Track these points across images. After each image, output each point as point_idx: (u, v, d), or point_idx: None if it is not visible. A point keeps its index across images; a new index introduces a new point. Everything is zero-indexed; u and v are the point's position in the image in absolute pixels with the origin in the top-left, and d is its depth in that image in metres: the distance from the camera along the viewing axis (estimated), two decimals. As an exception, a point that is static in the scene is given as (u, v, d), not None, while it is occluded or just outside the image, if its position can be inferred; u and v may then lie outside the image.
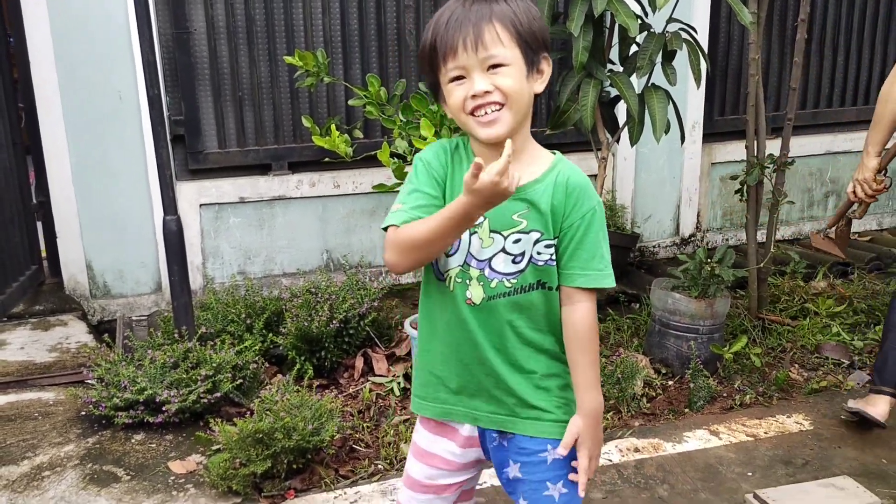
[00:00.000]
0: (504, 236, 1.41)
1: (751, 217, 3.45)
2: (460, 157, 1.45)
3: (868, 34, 4.84)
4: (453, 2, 1.38)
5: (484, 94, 1.34)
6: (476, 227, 1.41)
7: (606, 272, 1.44)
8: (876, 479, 2.48)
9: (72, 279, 3.65)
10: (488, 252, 1.42)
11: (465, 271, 1.43)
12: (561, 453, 1.44)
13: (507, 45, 1.33)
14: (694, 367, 3.00)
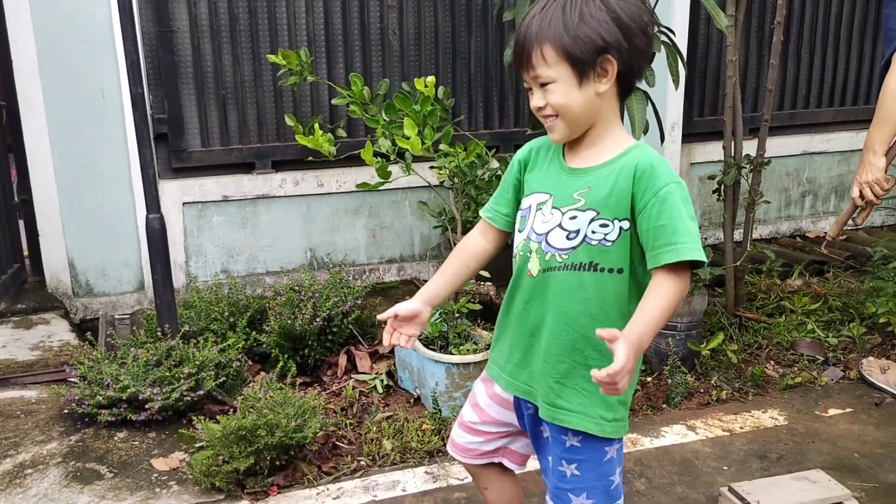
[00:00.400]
0: (563, 212, 1.53)
1: (728, 216, 3.50)
2: (547, 150, 1.62)
3: (844, 36, 4.92)
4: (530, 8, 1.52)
5: (539, 109, 1.51)
6: (541, 205, 1.56)
7: (695, 246, 1.41)
8: (848, 472, 2.54)
9: (54, 277, 3.65)
10: (547, 227, 1.54)
11: (527, 244, 1.58)
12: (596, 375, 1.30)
13: (552, 64, 1.46)
14: (672, 363, 3.05)
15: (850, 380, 3.18)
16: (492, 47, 4.14)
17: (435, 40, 4.05)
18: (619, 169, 1.49)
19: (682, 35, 4.33)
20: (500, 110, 4.25)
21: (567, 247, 1.51)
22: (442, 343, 2.94)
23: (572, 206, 1.52)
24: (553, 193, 1.55)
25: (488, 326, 3.05)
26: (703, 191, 4.66)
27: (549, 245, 1.53)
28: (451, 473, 2.53)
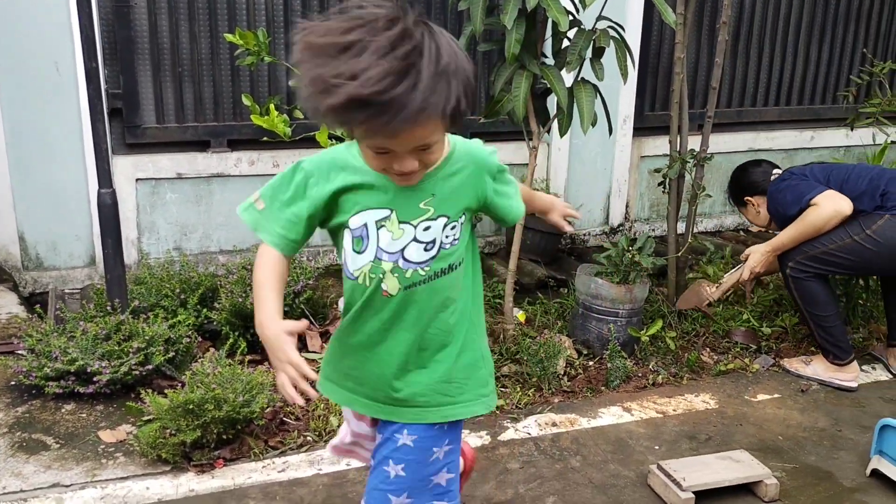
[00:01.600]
0: (414, 226, 1.48)
1: (672, 209, 3.63)
2: (346, 167, 1.48)
3: (792, 38, 5.09)
4: (377, 56, 1.22)
5: (410, 172, 1.39)
6: (383, 222, 1.47)
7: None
8: (771, 453, 2.69)
9: (3, 250, 3.62)
10: (400, 243, 1.48)
11: (377, 266, 1.50)
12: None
13: (438, 131, 1.35)
14: (612, 348, 3.17)
15: (780, 367, 3.34)
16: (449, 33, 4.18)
17: (394, 26, 4.09)
18: (455, 167, 1.50)
19: (635, 31, 4.45)
20: (457, 98, 4.30)
21: (427, 258, 1.49)
22: (390, 324, 3.00)
23: (423, 217, 1.48)
24: (394, 207, 1.47)
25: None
26: (651, 183, 4.79)
27: (406, 262, 1.49)
28: (395, 449, 2.61)
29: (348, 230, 1.51)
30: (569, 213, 2.00)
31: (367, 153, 1.41)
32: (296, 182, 1.49)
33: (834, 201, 3.00)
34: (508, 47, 2.87)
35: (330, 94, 1.23)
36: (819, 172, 3.18)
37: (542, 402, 2.96)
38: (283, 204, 1.51)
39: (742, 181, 3.47)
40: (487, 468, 2.53)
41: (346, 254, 1.53)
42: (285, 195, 1.50)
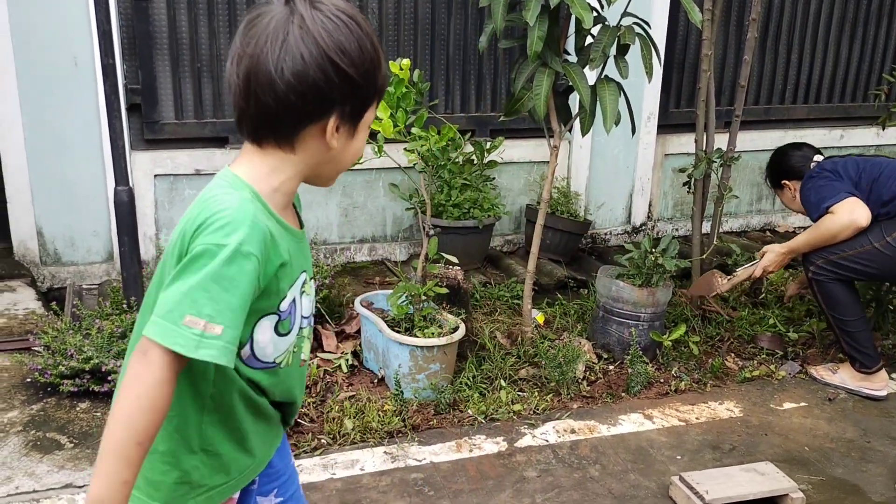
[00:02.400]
0: (314, 277, 1.36)
1: (697, 209, 3.55)
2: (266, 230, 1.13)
3: (822, 34, 4.96)
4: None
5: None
6: (304, 287, 1.25)
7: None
8: (797, 465, 2.61)
9: (21, 245, 3.62)
10: (311, 303, 1.30)
11: (299, 339, 1.29)
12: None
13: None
14: (633, 352, 3.10)
15: (807, 375, 3.25)
16: (471, 31, 4.13)
17: (414, 22, 4.04)
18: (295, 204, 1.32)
19: (661, 26, 4.35)
20: (478, 94, 4.25)
21: (313, 307, 1.33)
22: (407, 325, 2.96)
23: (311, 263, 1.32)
24: (305, 268, 1.26)
25: (454, 310, 3.08)
26: (676, 182, 4.70)
27: (305, 318, 1.29)
28: (410, 454, 2.57)
29: (272, 315, 1.20)
30: None
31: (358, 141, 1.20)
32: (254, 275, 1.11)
33: (851, 212, 2.96)
34: (530, 44, 2.80)
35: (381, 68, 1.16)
36: (852, 169, 3.10)
37: (560, 408, 2.90)
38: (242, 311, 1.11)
39: (781, 164, 3.38)
40: (504, 476, 2.48)
41: (263, 344, 1.20)
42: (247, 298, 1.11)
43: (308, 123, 1.13)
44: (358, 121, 1.17)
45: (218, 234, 1.07)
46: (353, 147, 1.20)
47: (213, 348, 1.06)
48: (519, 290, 3.73)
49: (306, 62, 1.08)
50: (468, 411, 2.83)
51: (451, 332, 2.91)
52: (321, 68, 1.09)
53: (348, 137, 1.18)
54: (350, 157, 1.21)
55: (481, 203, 3.91)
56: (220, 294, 1.06)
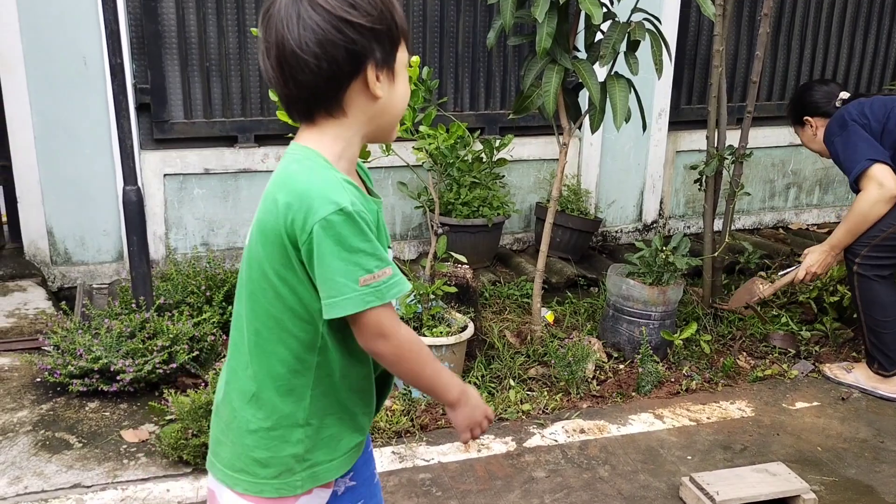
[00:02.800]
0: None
1: (708, 207, 3.51)
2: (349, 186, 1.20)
3: (835, 29, 4.91)
4: None
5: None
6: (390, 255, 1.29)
7: None
8: (809, 465, 2.58)
9: (32, 245, 3.64)
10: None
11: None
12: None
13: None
14: (644, 351, 3.07)
15: (820, 374, 3.21)
16: (480, 27, 4.11)
17: (423, 19, 4.02)
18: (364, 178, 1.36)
19: (672, 21, 4.32)
20: (487, 91, 4.23)
21: None
22: (416, 324, 2.95)
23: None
24: (388, 242, 1.32)
25: (463, 309, 3.06)
26: (687, 179, 4.66)
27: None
28: (418, 454, 2.56)
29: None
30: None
31: (404, 80, 1.24)
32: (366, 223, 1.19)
33: (880, 184, 2.87)
34: (539, 41, 2.78)
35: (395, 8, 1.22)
36: (879, 110, 2.99)
37: (569, 408, 2.88)
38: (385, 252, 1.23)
39: (804, 99, 3.23)
40: (512, 476, 2.46)
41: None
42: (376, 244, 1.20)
43: (349, 83, 1.18)
44: (393, 63, 1.22)
45: (326, 206, 1.13)
46: (398, 91, 1.24)
47: (396, 286, 1.19)
48: (529, 289, 3.71)
49: (323, 29, 1.14)
50: (477, 411, 2.81)
51: (459, 332, 2.90)
52: (338, 29, 1.15)
53: (390, 83, 1.22)
54: (399, 101, 1.25)
55: (491, 201, 3.89)
56: (370, 246, 1.16)
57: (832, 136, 3.05)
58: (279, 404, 1.26)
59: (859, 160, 2.92)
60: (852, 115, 3.01)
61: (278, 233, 1.18)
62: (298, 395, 1.26)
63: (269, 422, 1.26)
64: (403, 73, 1.25)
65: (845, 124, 3.01)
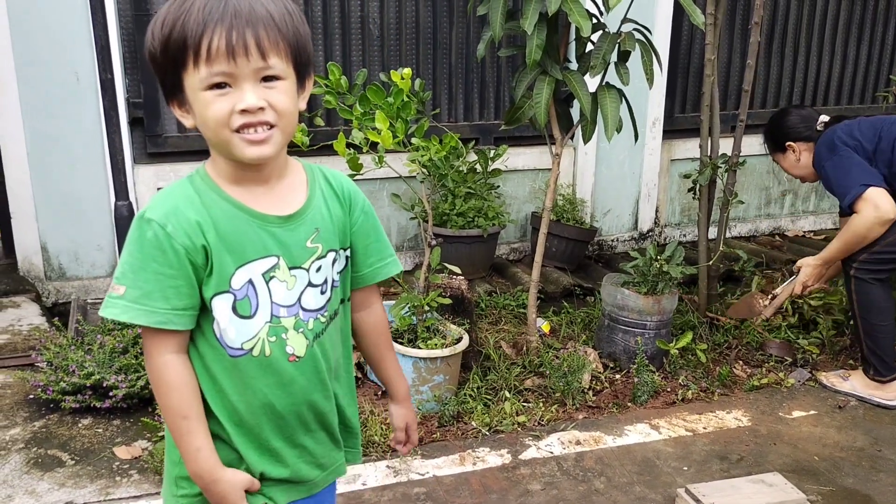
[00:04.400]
0: (306, 269, 1.27)
1: (703, 216, 3.51)
2: (208, 213, 1.19)
3: (828, 36, 4.92)
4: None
5: (256, 111, 1.14)
6: (272, 272, 1.23)
7: (395, 257, 1.44)
8: (807, 475, 2.57)
9: (26, 260, 3.63)
10: (295, 293, 1.26)
11: (275, 328, 1.25)
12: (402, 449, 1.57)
13: (283, 56, 1.16)
14: (639, 362, 3.06)
15: (817, 382, 3.20)
16: (472, 39, 4.12)
17: (416, 30, 4.03)
18: (322, 196, 1.31)
19: (664, 30, 4.32)
20: (481, 102, 4.23)
21: (323, 302, 1.30)
22: (410, 337, 2.94)
23: (313, 257, 1.27)
24: (279, 253, 1.24)
25: (458, 320, 3.05)
26: (682, 187, 4.66)
27: (306, 312, 1.27)
28: (412, 468, 2.54)
29: (226, 294, 1.21)
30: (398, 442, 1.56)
31: (202, 104, 1.14)
32: (156, 240, 1.17)
33: (876, 207, 2.85)
34: (529, 53, 2.78)
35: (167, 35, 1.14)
36: (868, 131, 2.96)
37: (565, 419, 2.87)
38: (157, 274, 1.17)
39: (784, 125, 3.20)
40: (507, 489, 2.45)
41: (224, 325, 1.22)
42: (151, 262, 1.17)
43: (169, 103, 1.22)
44: (178, 93, 1.18)
45: (142, 211, 1.20)
46: (199, 118, 1.17)
47: (115, 307, 1.17)
48: (524, 299, 3.70)
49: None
50: (472, 423, 2.80)
51: (454, 343, 2.89)
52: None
53: (191, 111, 1.19)
54: (206, 126, 1.17)
55: (486, 211, 3.89)
56: (126, 258, 1.19)
57: (822, 160, 3.03)
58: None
59: (853, 186, 2.90)
60: (842, 137, 2.99)
61: None
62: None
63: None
64: (198, 98, 1.14)
65: (835, 147, 2.98)
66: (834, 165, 2.98)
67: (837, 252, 3.01)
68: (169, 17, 1.13)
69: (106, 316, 1.18)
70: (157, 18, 1.15)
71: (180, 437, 1.22)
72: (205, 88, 1.13)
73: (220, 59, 1.11)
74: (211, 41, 1.11)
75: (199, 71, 1.12)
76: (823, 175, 3.06)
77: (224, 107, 1.13)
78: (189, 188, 1.21)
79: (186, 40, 1.11)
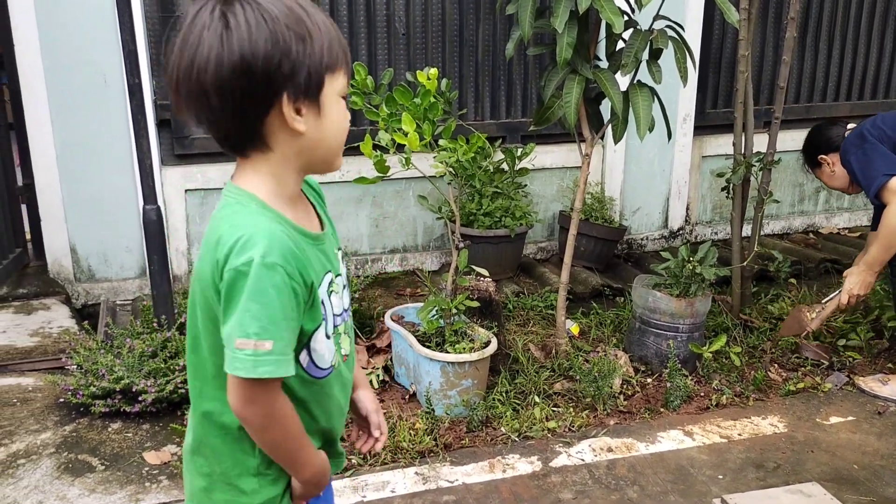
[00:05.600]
0: (343, 274, 1.30)
1: (736, 215, 3.43)
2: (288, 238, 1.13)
3: (864, 30, 4.79)
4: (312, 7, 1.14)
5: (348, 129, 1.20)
6: (331, 287, 1.23)
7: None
8: (846, 484, 2.50)
9: (56, 263, 3.65)
10: (344, 299, 1.29)
11: (337, 335, 1.27)
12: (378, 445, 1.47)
13: None
14: (672, 365, 3.00)
15: (854, 386, 3.12)
16: (499, 36, 4.07)
17: (442, 28, 3.99)
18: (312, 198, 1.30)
19: (695, 25, 4.24)
20: (508, 100, 4.18)
21: (348, 301, 1.32)
22: (438, 340, 2.91)
23: (343, 260, 1.32)
24: (331, 268, 1.24)
25: (486, 323, 3.02)
26: (714, 184, 4.58)
27: (346, 312, 1.30)
28: (442, 475, 2.51)
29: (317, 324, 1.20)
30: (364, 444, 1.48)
31: (339, 110, 1.15)
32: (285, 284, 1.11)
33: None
34: (559, 51, 2.73)
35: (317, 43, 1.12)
36: (891, 122, 2.96)
37: (596, 425, 2.82)
38: (290, 321, 1.13)
39: (817, 139, 3.21)
40: (538, 498, 2.41)
41: (321, 351, 1.22)
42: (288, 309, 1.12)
43: (261, 118, 1.10)
44: (317, 96, 1.12)
45: (241, 255, 1.08)
46: (329, 123, 1.14)
47: (268, 364, 1.09)
48: (553, 300, 3.65)
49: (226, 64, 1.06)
50: (501, 429, 2.76)
51: (482, 347, 2.85)
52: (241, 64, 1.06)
53: (316, 116, 1.13)
54: (333, 135, 1.16)
55: (513, 211, 3.84)
56: (261, 310, 1.08)
57: (849, 154, 3.00)
58: (223, 454, 1.23)
59: (876, 176, 2.87)
60: (867, 128, 2.98)
61: (205, 280, 1.13)
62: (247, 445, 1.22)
63: (209, 469, 1.24)
64: (336, 102, 1.15)
65: (861, 138, 2.96)
66: (858, 158, 2.96)
67: (879, 254, 2.94)
68: (318, 17, 1.11)
69: (260, 376, 1.09)
70: (301, 13, 1.10)
71: (300, 452, 1.22)
72: (340, 96, 1.15)
73: (345, 72, 1.15)
74: (349, 55, 1.15)
75: (342, 77, 1.14)
76: (850, 170, 3.02)
77: (347, 116, 1.17)
78: (269, 217, 1.13)
79: (343, 46, 1.13)
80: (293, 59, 1.08)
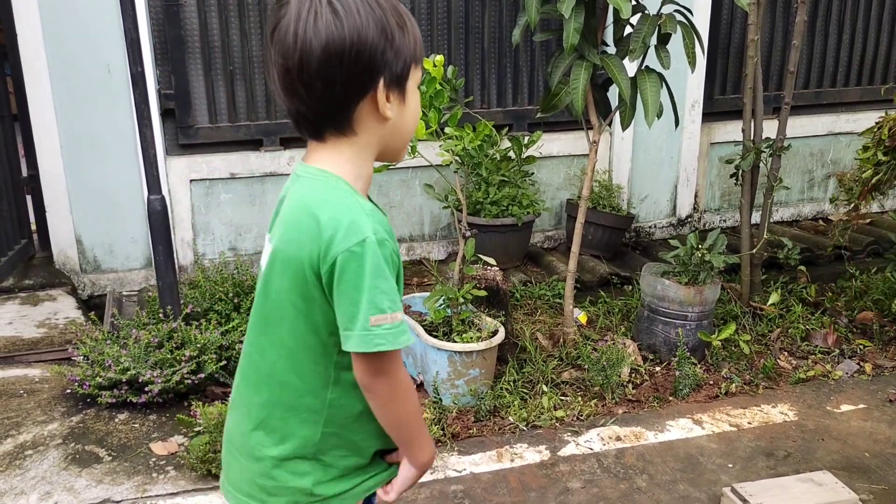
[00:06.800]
0: None
1: (745, 202, 3.40)
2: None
3: (875, 12, 4.73)
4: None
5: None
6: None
7: None
8: (857, 472, 2.48)
9: (62, 253, 3.64)
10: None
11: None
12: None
13: None
14: (680, 354, 2.98)
15: (865, 374, 3.09)
16: (506, 23, 4.03)
17: (447, 15, 3.95)
18: None
19: (704, 9, 4.19)
20: (514, 87, 4.14)
21: None
22: (445, 329, 2.89)
23: None
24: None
25: (493, 312, 3.00)
26: (723, 172, 4.54)
27: None
28: (449, 465, 2.50)
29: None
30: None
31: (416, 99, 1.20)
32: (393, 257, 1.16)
33: None
34: (566, 37, 2.69)
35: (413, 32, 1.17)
36: None
37: (605, 413, 2.80)
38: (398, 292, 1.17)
39: None
40: (547, 487, 2.40)
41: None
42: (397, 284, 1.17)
43: (357, 102, 1.13)
44: (405, 83, 1.16)
45: (351, 236, 1.09)
46: (409, 112, 1.20)
47: (404, 333, 1.13)
48: (560, 289, 3.63)
49: (335, 46, 1.08)
50: (509, 418, 2.75)
51: (490, 337, 2.83)
52: (350, 47, 1.09)
53: (401, 103, 1.17)
54: (410, 123, 1.21)
55: (520, 200, 3.81)
56: (385, 284, 1.11)
57: None
58: (288, 435, 1.22)
59: None
60: None
61: (300, 262, 1.13)
62: (310, 429, 1.21)
63: (275, 451, 1.23)
64: (415, 92, 1.21)
65: None
66: None
67: None
68: (403, 7, 1.16)
69: (401, 346, 1.13)
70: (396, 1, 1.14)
71: (419, 429, 1.24)
72: (416, 90, 1.20)
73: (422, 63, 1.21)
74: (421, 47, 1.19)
75: (420, 69, 1.19)
76: None
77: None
78: (358, 199, 1.15)
79: (419, 43, 1.17)
80: (395, 46, 1.12)
